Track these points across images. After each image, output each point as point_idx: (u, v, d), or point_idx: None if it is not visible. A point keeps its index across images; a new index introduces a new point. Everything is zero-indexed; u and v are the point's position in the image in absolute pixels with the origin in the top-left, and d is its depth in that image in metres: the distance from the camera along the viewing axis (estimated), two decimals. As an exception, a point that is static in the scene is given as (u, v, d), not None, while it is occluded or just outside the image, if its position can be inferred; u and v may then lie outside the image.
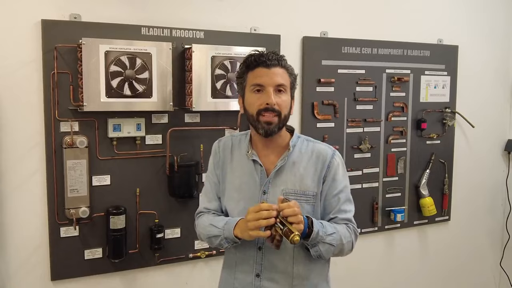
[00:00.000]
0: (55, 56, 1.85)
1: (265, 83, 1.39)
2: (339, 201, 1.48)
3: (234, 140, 1.58)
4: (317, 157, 1.48)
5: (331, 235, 1.40)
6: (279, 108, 1.39)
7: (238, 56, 2.08)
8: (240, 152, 1.54)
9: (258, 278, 1.46)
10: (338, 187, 1.48)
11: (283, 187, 1.45)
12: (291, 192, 1.45)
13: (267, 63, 1.40)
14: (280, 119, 1.41)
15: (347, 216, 1.49)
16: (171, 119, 2.08)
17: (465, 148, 2.94)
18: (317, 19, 2.41)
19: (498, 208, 3.16)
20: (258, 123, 1.41)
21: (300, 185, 1.45)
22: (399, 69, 2.62)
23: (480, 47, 2.92)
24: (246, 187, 1.49)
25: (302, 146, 1.50)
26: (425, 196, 2.73)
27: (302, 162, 1.48)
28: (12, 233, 1.89)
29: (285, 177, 1.46)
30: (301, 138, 1.53)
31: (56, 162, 1.89)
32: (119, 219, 1.95)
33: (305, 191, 1.45)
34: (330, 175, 1.47)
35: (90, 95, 1.84)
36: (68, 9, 1.89)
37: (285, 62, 1.44)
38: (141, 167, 2.05)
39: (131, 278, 2.10)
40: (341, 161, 1.51)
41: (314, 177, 1.47)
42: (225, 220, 1.48)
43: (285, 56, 1.46)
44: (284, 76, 1.42)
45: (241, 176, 1.51)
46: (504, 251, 3.19)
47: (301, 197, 1.44)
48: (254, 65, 1.42)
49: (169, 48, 1.95)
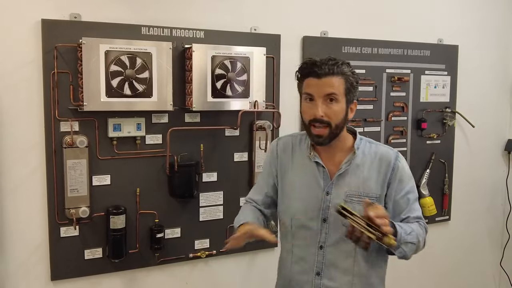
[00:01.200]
0: (55, 55, 1.84)
1: (314, 93, 1.40)
2: (408, 202, 1.49)
3: (294, 140, 1.59)
4: (381, 160, 1.49)
5: (410, 234, 1.42)
6: (328, 118, 1.40)
7: (238, 56, 2.08)
8: (301, 153, 1.56)
9: (319, 277, 1.49)
10: (406, 188, 1.49)
11: (347, 189, 1.47)
12: (354, 194, 1.46)
13: (318, 72, 1.39)
14: (331, 129, 1.41)
15: (418, 214, 1.51)
16: (171, 119, 2.07)
17: (465, 148, 2.94)
18: (317, 18, 2.41)
19: (498, 208, 3.16)
20: (310, 134, 1.44)
21: (364, 188, 1.47)
22: (399, 69, 2.62)
23: (480, 47, 2.92)
24: (307, 188, 1.51)
25: (365, 149, 1.51)
26: (425, 196, 2.73)
27: (365, 165, 1.49)
28: (12, 232, 1.88)
29: (348, 179, 1.47)
30: (363, 140, 1.54)
31: (56, 161, 1.89)
32: (119, 219, 1.95)
33: (368, 193, 1.46)
34: (396, 178, 1.48)
35: (90, 94, 1.84)
36: (68, 9, 1.89)
37: (341, 68, 1.41)
38: (141, 167, 2.04)
39: (131, 278, 2.10)
40: (405, 163, 1.52)
41: (378, 179, 1.48)
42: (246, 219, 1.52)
43: (343, 61, 1.42)
44: (337, 83, 1.40)
45: (302, 176, 1.53)
46: (504, 251, 3.19)
47: (364, 199, 1.43)
48: (306, 74, 1.43)
49: (169, 48, 1.95)
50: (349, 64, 1.45)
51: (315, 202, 1.49)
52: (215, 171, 2.19)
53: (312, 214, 1.50)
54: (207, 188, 2.18)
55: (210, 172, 2.18)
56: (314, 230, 1.50)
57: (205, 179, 2.18)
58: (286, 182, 1.57)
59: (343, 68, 1.41)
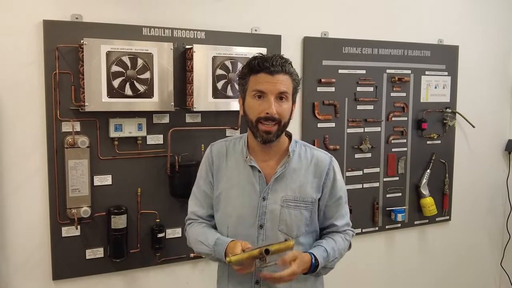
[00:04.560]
0: (56, 56, 1.85)
1: (266, 90, 1.36)
2: (339, 207, 1.52)
3: (228, 145, 1.54)
4: (316, 164, 1.49)
5: (333, 260, 1.46)
6: (279, 116, 1.37)
7: (239, 57, 2.09)
8: (235, 157, 1.50)
9: (258, 285, 1.47)
10: (338, 193, 1.51)
11: (283, 194, 1.45)
12: (291, 199, 1.45)
13: (271, 69, 1.35)
14: (280, 127, 1.39)
15: (346, 221, 1.55)
16: (172, 119, 2.08)
17: (466, 148, 2.94)
18: (318, 19, 2.41)
19: (498, 208, 3.16)
20: (257, 130, 1.39)
21: (300, 192, 1.46)
22: (399, 69, 2.63)
23: (480, 47, 2.92)
24: (244, 193, 1.46)
25: (301, 152, 1.50)
26: (425, 196, 2.73)
27: (301, 169, 1.47)
28: (13, 232, 1.89)
29: (285, 183, 1.45)
30: (299, 143, 1.53)
31: (57, 162, 1.90)
32: (120, 218, 1.96)
33: (305, 198, 1.46)
34: (329, 183, 1.49)
35: (92, 95, 1.84)
36: (70, 10, 1.89)
37: (290, 68, 1.40)
38: (142, 167, 2.05)
39: (132, 278, 2.11)
40: (337, 168, 1.53)
41: (313, 184, 1.47)
42: (215, 237, 1.44)
43: (290, 60, 1.41)
44: (287, 82, 1.39)
45: (238, 182, 1.48)
46: (504, 251, 3.19)
47: (300, 204, 1.45)
48: (257, 70, 1.38)
49: (170, 49, 1.96)
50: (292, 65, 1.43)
51: (252, 208, 1.45)
52: (216, 171, 2.20)
53: (249, 221, 1.45)
54: (208, 188, 2.19)
55: (211, 172, 2.19)
56: (251, 237, 1.43)
57: (206, 179, 2.18)
58: (221, 189, 1.50)
59: (291, 68, 1.40)
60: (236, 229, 1.46)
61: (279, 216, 1.43)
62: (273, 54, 1.41)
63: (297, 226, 1.45)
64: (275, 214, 1.44)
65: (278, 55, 1.40)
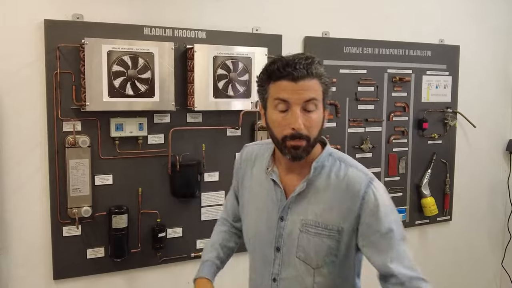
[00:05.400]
0: (57, 56, 1.85)
1: (290, 99, 1.12)
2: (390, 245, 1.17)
3: (259, 149, 1.37)
4: (347, 186, 1.19)
5: None
6: (307, 132, 1.14)
7: (240, 56, 2.09)
8: (261, 166, 1.32)
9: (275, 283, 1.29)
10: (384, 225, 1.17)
11: (303, 217, 1.21)
12: (311, 224, 1.20)
13: (294, 75, 1.11)
14: (309, 143, 1.16)
15: (409, 267, 1.24)
16: (173, 119, 2.08)
17: (467, 148, 2.94)
18: (319, 19, 2.41)
19: (499, 208, 3.16)
20: (285, 147, 1.16)
21: (323, 217, 1.20)
22: (400, 69, 2.63)
23: (481, 47, 2.92)
24: (263, 209, 1.29)
25: (332, 168, 1.22)
26: (426, 196, 2.73)
27: (328, 190, 1.21)
28: (14, 232, 1.89)
29: (306, 205, 1.21)
30: (333, 156, 1.24)
31: (58, 161, 1.90)
32: (121, 218, 1.96)
33: (328, 225, 1.19)
34: (367, 210, 1.17)
35: (93, 94, 1.84)
36: (71, 9, 1.89)
37: (317, 68, 1.14)
38: (143, 166, 2.05)
39: (133, 277, 2.11)
40: (380, 192, 1.20)
41: (341, 209, 1.19)
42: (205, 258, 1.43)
43: (317, 59, 1.15)
44: (315, 87, 1.14)
45: (257, 195, 1.31)
46: (505, 251, 3.19)
47: (322, 231, 1.20)
48: (277, 76, 1.13)
49: (171, 48, 1.96)
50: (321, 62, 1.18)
51: (269, 227, 1.26)
52: (216, 171, 2.20)
53: (266, 240, 1.27)
54: (209, 188, 2.19)
55: (212, 172, 2.19)
56: (267, 258, 1.28)
57: (207, 179, 2.18)
58: (243, 198, 1.37)
59: (319, 68, 1.14)
60: (255, 246, 1.33)
61: (297, 242, 1.22)
62: (295, 55, 1.15)
63: (317, 255, 1.21)
64: (292, 238, 1.23)
65: (302, 56, 1.14)
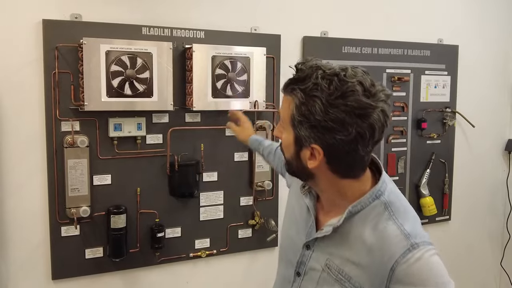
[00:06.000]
0: (56, 55, 1.85)
1: None
2: None
3: None
4: (380, 249, 0.95)
5: None
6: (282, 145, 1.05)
7: (239, 56, 2.09)
8: None
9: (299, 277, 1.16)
10: None
11: (328, 257, 1.05)
12: (334, 268, 1.03)
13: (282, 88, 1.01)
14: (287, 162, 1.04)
15: None
16: (172, 119, 2.08)
17: (466, 147, 2.94)
18: (317, 19, 2.41)
19: (498, 208, 3.16)
20: None
21: (348, 268, 1.01)
22: (399, 69, 2.63)
23: (480, 46, 2.92)
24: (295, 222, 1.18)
25: (374, 217, 0.99)
26: (425, 195, 2.73)
27: (360, 244, 0.99)
28: (13, 232, 1.89)
29: (334, 248, 1.04)
30: (382, 198, 1.00)
31: (57, 161, 1.90)
32: (120, 218, 1.96)
33: (351, 279, 1.00)
34: (395, 285, 0.93)
35: (91, 94, 1.84)
36: (69, 9, 1.89)
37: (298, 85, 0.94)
38: (142, 166, 2.05)
39: (131, 277, 2.11)
40: (419, 264, 0.94)
41: (367, 272, 0.98)
42: None
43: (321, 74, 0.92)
44: (285, 104, 0.99)
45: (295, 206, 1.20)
46: (504, 251, 3.19)
47: (344, 282, 1.01)
48: None
49: (169, 48, 1.96)
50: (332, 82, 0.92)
51: (294, 246, 1.15)
52: (215, 170, 2.20)
53: (291, 258, 1.16)
54: (208, 188, 2.19)
55: (211, 172, 2.19)
56: (288, 277, 1.17)
57: (206, 179, 2.18)
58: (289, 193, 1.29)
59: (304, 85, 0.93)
60: (281, 256, 1.25)
61: (318, 281, 1.08)
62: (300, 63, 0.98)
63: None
64: (314, 272, 1.09)
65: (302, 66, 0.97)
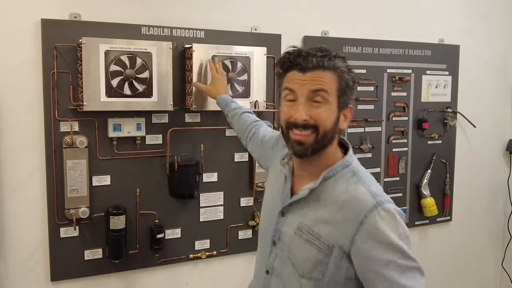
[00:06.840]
0: (55, 55, 1.84)
1: (296, 90, 1.10)
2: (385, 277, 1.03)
3: None
4: (351, 204, 1.08)
5: None
6: (314, 121, 1.09)
7: (239, 56, 2.08)
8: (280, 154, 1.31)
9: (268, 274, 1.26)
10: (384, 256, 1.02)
11: (301, 220, 1.15)
12: (305, 230, 1.14)
13: (302, 65, 1.08)
14: (317, 137, 1.09)
15: None
16: (172, 119, 2.07)
17: (467, 148, 2.93)
18: (318, 18, 2.40)
19: (499, 208, 3.15)
20: (289, 140, 1.14)
21: (318, 227, 1.11)
22: (400, 69, 2.62)
23: (481, 47, 2.91)
24: (273, 196, 1.27)
25: (344, 181, 1.13)
26: (426, 196, 2.72)
27: (331, 202, 1.11)
28: (11, 233, 1.88)
29: (306, 209, 1.15)
30: (351, 167, 1.15)
31: (56, 162, 1.89)
32: (119, 219, 1.94)
33: (321, 237, 1.10)
34: (364, 237, 1.04)
35: (90, 94, 1.83)
36: (68, 9, 1.88)
37: (333, 62, 1.09)
38: (141, 167, 2.04)
39: (131, 279, 2.10)
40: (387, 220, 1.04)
41: (339, 228, 1.08)
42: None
43: (334, 53, 1.11)
44: (326, 80, 1.08)
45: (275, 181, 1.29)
46: (505, 252, 3.18)
47: (314, 241, 1.11)
48: (288, 67, 1.12)
49: (169, 48, 1.95)
50: (345, 58, 1.13)
51: (271, 217, 1.24)
52: (215, 171, 2.19)
53: (267, 229, 1.25)
54: (208, 189, 2.18)
55: (211, 172, 2.18)
56: (266, 249, 1.25)
57: (206, 179, 2.17)
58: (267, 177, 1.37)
59: (336, 62, 1.10)
60: (261, 232, 1.32)
61: (290, 243, 1.17)
62: (312, 47, 1.12)
63: (304, 264, 1.14)
64: (286, 238, 1.19)
65: (318, 48, 1.11)
